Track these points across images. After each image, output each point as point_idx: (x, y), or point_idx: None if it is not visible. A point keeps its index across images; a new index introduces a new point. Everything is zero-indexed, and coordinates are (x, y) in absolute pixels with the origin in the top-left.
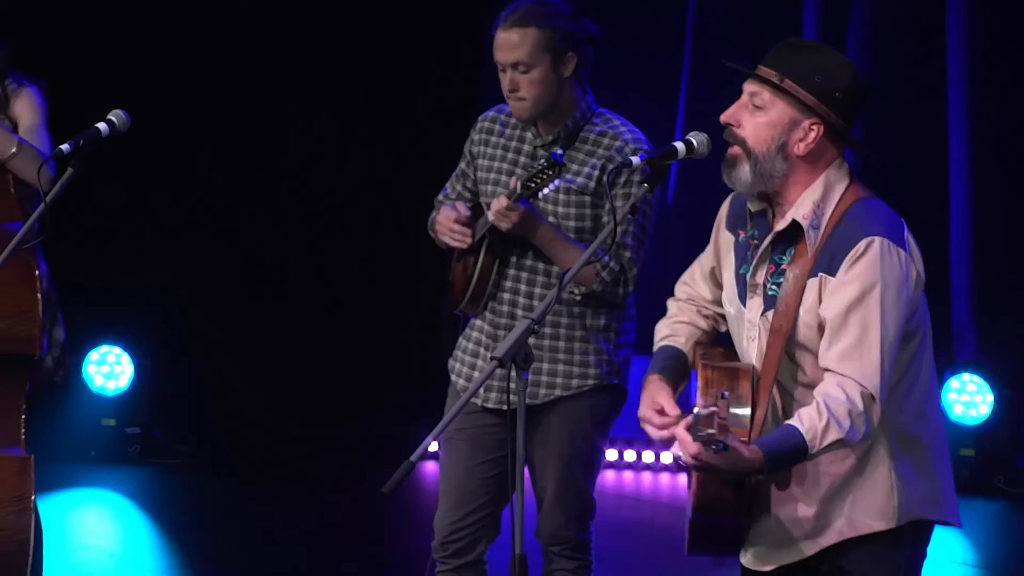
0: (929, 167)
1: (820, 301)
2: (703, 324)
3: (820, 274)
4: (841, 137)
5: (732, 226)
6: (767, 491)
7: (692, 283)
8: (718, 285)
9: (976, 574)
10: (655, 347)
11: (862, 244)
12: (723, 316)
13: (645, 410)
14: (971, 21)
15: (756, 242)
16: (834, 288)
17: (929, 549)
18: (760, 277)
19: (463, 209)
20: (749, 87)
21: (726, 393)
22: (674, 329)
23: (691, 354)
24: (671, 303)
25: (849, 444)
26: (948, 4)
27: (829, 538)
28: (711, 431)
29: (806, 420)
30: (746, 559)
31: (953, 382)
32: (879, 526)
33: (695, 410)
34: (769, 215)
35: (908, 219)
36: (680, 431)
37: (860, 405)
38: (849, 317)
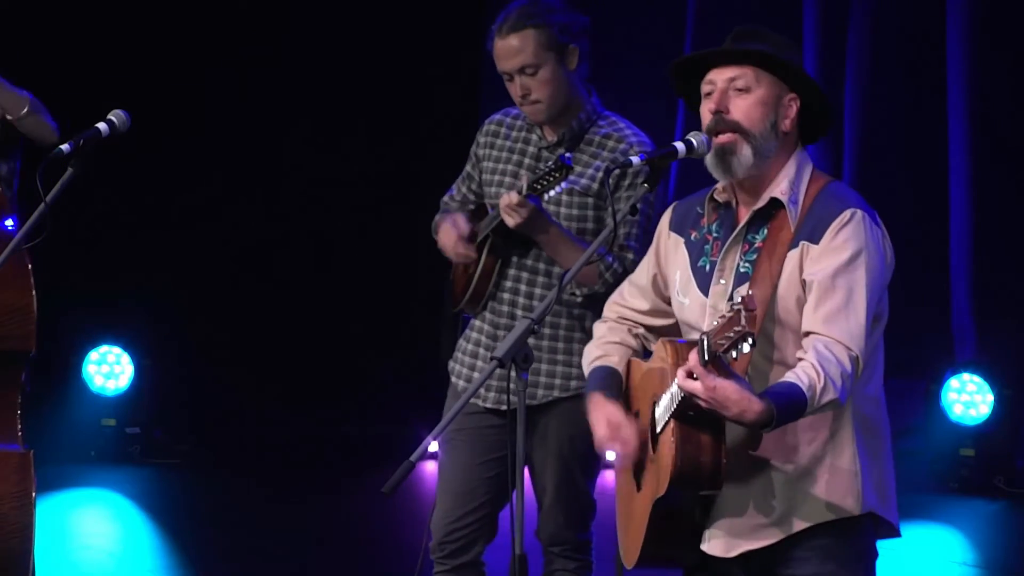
0: (929, 167)
1: (801, 270)
2: (633, 343)
3: (802, 243)
4: (814, 106)
5: (679, 228)
6: (735, 473)
7: (623, 301)
8: (659, 293)
9: (976, 574)
10: (588, 368)
11: (847, 213)
12: (652, 331)
13: (603, 431)
14: (971, 21)
15: (715, 235)
16: (820, 253)
17: (929, 549)
18: (732, 260)
19: (463, 225)
20: (726, 73)
21: (751, 291)
22: (606, 350)
23: (625, 373)
24: (600, 326)
25: (837, 406)
26: (948, 4)
27: (793, 525)
28: (738, 328)
29: (804, 377)
30: (708, 546)
31: (953, 382)
32: (843, 513)
33: (700, 336)
34: (734, 205)
35: (908, 219)
36: (689, 368)
37: (848, 367)
38: (836, 281)
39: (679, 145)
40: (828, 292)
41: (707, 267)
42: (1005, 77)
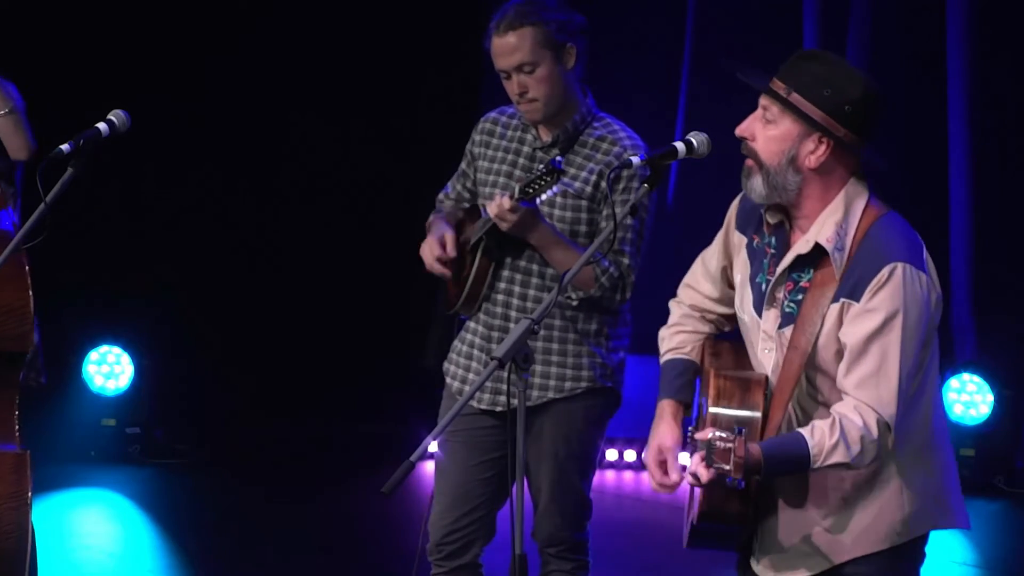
0: (929, 167)
1: (840, 325)
2: (706, 329)
3: (843, 299)
4: (853, 151)
5: (743, 227)
6: (778, 500)
7: (695, 284)
8: (728, 284)
9: (976, 574)
10: (662, 358)
11: (885, 271)
12: (727, 317)
13: (650, 461)
14: (971, 21)
15: (773, 251)
16: (856, 315)
17: (929, 549)
18: (780, 293)
19: (450, 246)
20: (763, 100)
21: (743, 430)
22: (680, 341)
23: (699, 357)
24: (675, 306)
25: (853, 468)
26: (948, 4)
27: (839, 555)
28: (727, 467)
29: (816, 434)
30: (758, 567)
31: (953, 382)
32: (888, 543)
33: (710, 435)
34: (787, 227)
35: (908, 219)
36: (695, 461)
37: (875, 433)
38: (869, 346)
39: (679, 145)
40: (861, 357)
41: (763, 286)
42: (1005, 77)
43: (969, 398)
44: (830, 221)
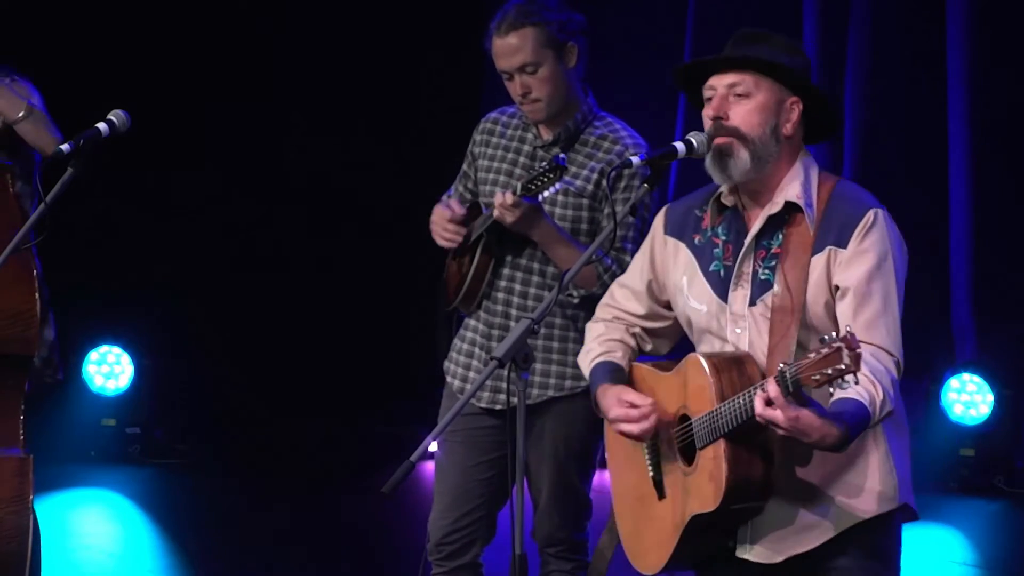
0: (929, 166)
1: (829, 276)
2: (631, 342)
3: (829, 248)
4: (818, 109)
5: (678, 233)
6: (778, 477)
7: (616, 304)
8: (655, 298)
9: (976, 574)
10: (592, 363)
11: (870, 215)
12: (648, 332)
13: (619, 410)
14: (971, 21)
15: (724, 238)
16: (850, 258)
17: (929, 549)
18: (748, 267)
19: (457, 208)
20: (726, 79)
21: (833, 334)
22: (608, 346)
23: (628, 369)
24: (595, 325)
25: (890, 415)
26: (948, 4)
27: (843, 522)
28: (844, 366)
29: (866, 394)
30: (752, 553)
31: (953, 382)
32: (884, 507)
33: (782, 365)
34: (740, 209)
35: (908, 219)
36: (769, 397)
37: (895, 374)
38: (872, 285)
39: (679, 145)
40: (865, 298)
41: (721, 272)
42: (1005, 76)
43: (969, 398)
44: (795, 183)
